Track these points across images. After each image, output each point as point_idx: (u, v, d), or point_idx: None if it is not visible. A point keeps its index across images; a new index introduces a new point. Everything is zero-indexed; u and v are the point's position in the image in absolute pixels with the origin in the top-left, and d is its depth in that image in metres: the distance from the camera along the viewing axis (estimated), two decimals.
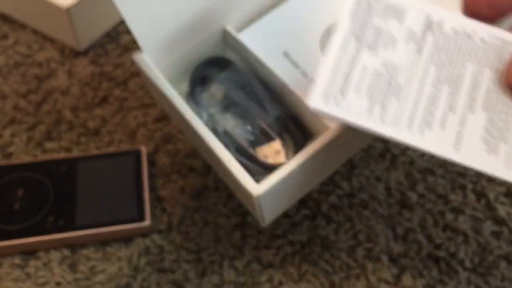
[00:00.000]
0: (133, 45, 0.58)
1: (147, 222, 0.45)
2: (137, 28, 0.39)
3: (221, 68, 0.44)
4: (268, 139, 0.42)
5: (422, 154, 0.51)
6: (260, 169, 0.39)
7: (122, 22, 0.61)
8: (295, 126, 0.42)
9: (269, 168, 0.39)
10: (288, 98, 0.42)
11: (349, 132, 0.39)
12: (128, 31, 0.60)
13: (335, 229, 0.47)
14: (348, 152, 0.45)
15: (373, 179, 0.50)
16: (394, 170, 0.50)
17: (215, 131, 0.40)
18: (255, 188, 0.36)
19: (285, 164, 0.37)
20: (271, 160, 0.41)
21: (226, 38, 0.45)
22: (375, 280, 0.45)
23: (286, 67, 0.43)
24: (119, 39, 0.59)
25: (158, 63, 0.41)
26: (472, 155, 0.34)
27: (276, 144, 0.42)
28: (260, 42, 0.44)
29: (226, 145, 0.39)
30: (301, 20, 0.46)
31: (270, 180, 0.37)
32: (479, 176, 0.50)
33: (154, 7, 0.39)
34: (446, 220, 0.48)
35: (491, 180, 0.50)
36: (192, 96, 0.43)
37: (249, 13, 0.46)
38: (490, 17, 0.37)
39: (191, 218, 0.47)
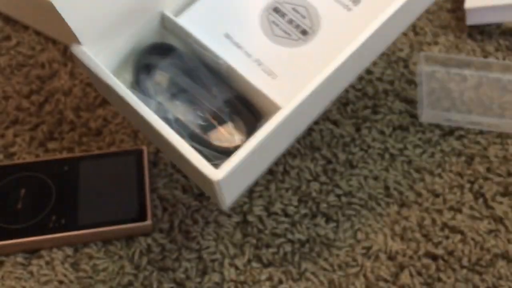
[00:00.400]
0: None
1: (148, 222, 0.46)
2: (72, 19, 0.38)
3: (163, 55, 0.43)
4: (220, 122, 0.42)
5: (420, 154, 0.51)
6: (216, 154, 0.39)
7: None
8: (245, 107, 0.42)
9: (225, 152, 0.39)
10: (235, 79, 0.42)
11: (299, 110, 0.39)
12: None
13: (334, 228, 0.47)
14: (301, 126, 0.44)
15: (372, 179, 0.50)
16: (393, 170, 0.51)
17: (166, 119, 0.40)
18: (214, 173, 0.36)
19: (242, 147, 0.37)
20: (225, 144, 0.41)
21: (165, 23, 0.44)
22: (373, 279, 0.45)
23: (229, 48, 0.43)
24: None
25: (97, 53, 0.40)
26: None
27: (228, 127, 0.42)
28: (200, 25, 0.43)
29: (179, 133, 0.39)
30: (238, 1, 0.45)
31: (229, 164, 0.37)
32: (476, 175, 0.50)
33: None
34: (444, 219, 0.48)
35: (489, 179, 0.50)
36: (137, 86, 0.42)
37: None
38: None
39: (192, 217, 0.48)
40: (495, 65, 0.55)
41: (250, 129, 0.41)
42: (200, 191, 0.49)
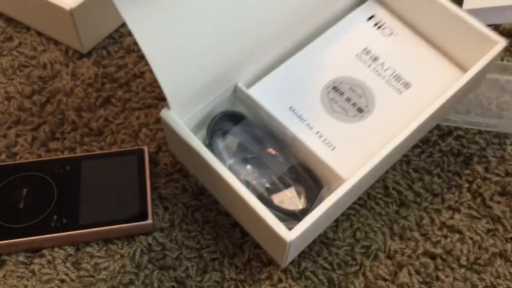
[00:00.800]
0: (135, 47, 0.59)
1: (149, 221, 0.46)
2: (168, 89, 0.42)
3: (235, 121, 0.48)
4: (283, 186, 0.46)
5: (419, 154, 0.52)
6: (280, 215, 0.42)
7: (125, 24, 0.61)
8: (307, 174, 0.46)
9: (289, 214, 0.43)
10: (299, 148, 0.46)
11: (361, 181, 0.43)
12: (130, 33, 0.61)
13: (333, 227, 0.48)
14: (357, 195, 0.49)
15: None
16: (392, 170, 0.51)
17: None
18: (287, 234, 0.39)
19: (311, 212, 0.41)
20: (286, 206, 0.45)
21: (237, 93, 0.49)
22: (372, 277, 0.45)
23: (293, 120, 0.48)
24: (122, 41, 0.60)
25: (181, 117, 0.45)
26: None
27: (291, 191, 0.46)
28: (268, 97, 0.48)
29: None
30: (302, 79, 0.50)
31: (300, 227, 0.40)
32: (475, 175, 0.51)
33: (182, 70, 0.43)
34: (442, 219, 0.48)
35: (487, 179, 0.50)
36: (211, 148, 0.45)
37: (256, 71, 0.50)
38: None
39: (192, 216, 0.48)
40: (493, 66, 0.56)
41: (310, 195, 0.45)
42: (200, 190, 0.49)
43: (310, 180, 0.46)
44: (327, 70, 0.50)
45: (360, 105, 0.49)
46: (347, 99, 0.49)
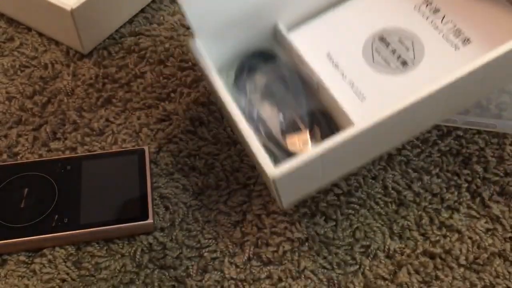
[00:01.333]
0: (136, 47, 0.59)
1: (150, 220, 0.46)
2: (192, 15, 0.41)
3: (266, 60, 0.47)
4: (298, 130, 0.44)
5: (418, 154, 0.52)
6: (286, 157, 0.41)
7: (125, 25, 0.62)
8: (325, 121, 0.44)
9: (291, 156, 0.40)
10: (323, 94, 0.44)
11: (372, 131, 0.39)
12: (131, 34, 0.61)
13: (333, 227, 0.48)
14: (373, 151, 0.45)
15: (370, 178, 0.51)
16: (391, 170, 0.51)
17: (250, 115, 0.42)
18: (272, 171, 0.38)
19: (305, 153, 0.39)
20: (298, 149, 0.43)
21: (276, 34, 0.47)
22: (372, 277, 0.45)
23: (327, 67, 0.45)
24: (122, 42, 0.60)
25: (211, 50, 0.43)
26: None
27: (305, 135, 0.44)
28: (306, 42, 0.46)
29: (258, 129, 0.42)
30: (348, 26, 0.48)
31: (287, 165, 0.38)
32: (474, 175, 0.51)
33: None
34: (441, 218, 0.49)
35: (486, 178, 0.51)
36: (236, 82, 0.45)
37: (300, 13, 0.48)
38: None
39: (193, 216, 0.48)
40: None
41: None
42: (200, 190, 0.49)
43: (327, 127, 0.44)
44: (378, 20, 0.47)
45: (406, 59, 0.45)
46: (392, 50, 0.45)
